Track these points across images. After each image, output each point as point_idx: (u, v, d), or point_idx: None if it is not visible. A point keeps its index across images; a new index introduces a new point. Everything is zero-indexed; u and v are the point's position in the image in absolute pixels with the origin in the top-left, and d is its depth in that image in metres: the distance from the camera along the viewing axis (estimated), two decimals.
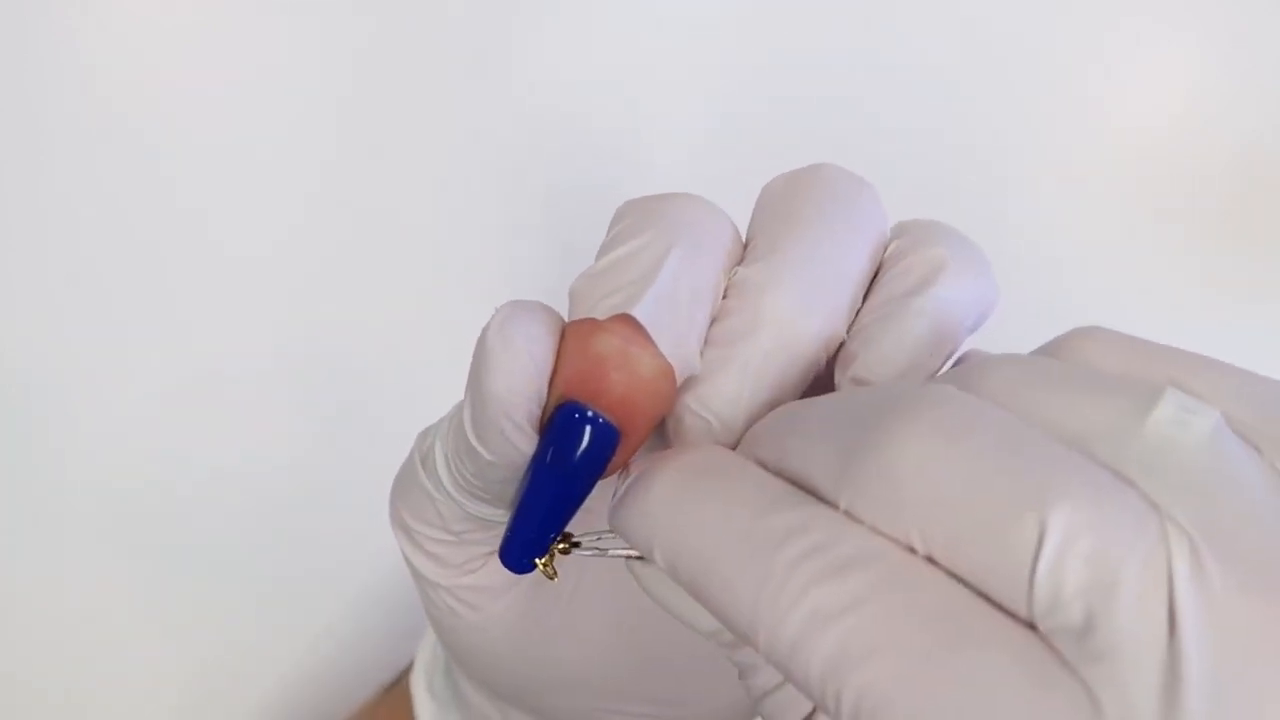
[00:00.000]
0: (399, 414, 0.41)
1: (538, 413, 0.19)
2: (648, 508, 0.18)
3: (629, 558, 0.19)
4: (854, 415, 0.16)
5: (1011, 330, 0.22)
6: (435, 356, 0.41)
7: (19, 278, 0.39)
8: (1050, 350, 0.18)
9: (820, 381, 0.20)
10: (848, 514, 0.15)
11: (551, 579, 0.21)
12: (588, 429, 0.18)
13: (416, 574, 0.24)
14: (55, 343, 0.39)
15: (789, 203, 0.21)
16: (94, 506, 0.39)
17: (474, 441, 0.19)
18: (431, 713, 0.29)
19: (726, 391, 0.19)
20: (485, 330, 0.19)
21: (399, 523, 0.24)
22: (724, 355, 0.19)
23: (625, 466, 0.19)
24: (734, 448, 0.19)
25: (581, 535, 0.20)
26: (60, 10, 0.38)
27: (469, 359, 0.20)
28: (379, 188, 0.41)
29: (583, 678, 0.25)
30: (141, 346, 0.39)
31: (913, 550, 0.15)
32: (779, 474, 0.17)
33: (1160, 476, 0.14)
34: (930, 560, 0.15)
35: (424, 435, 0.23)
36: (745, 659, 0.18)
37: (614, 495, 0.19)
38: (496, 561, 0.23)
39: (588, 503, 0.20)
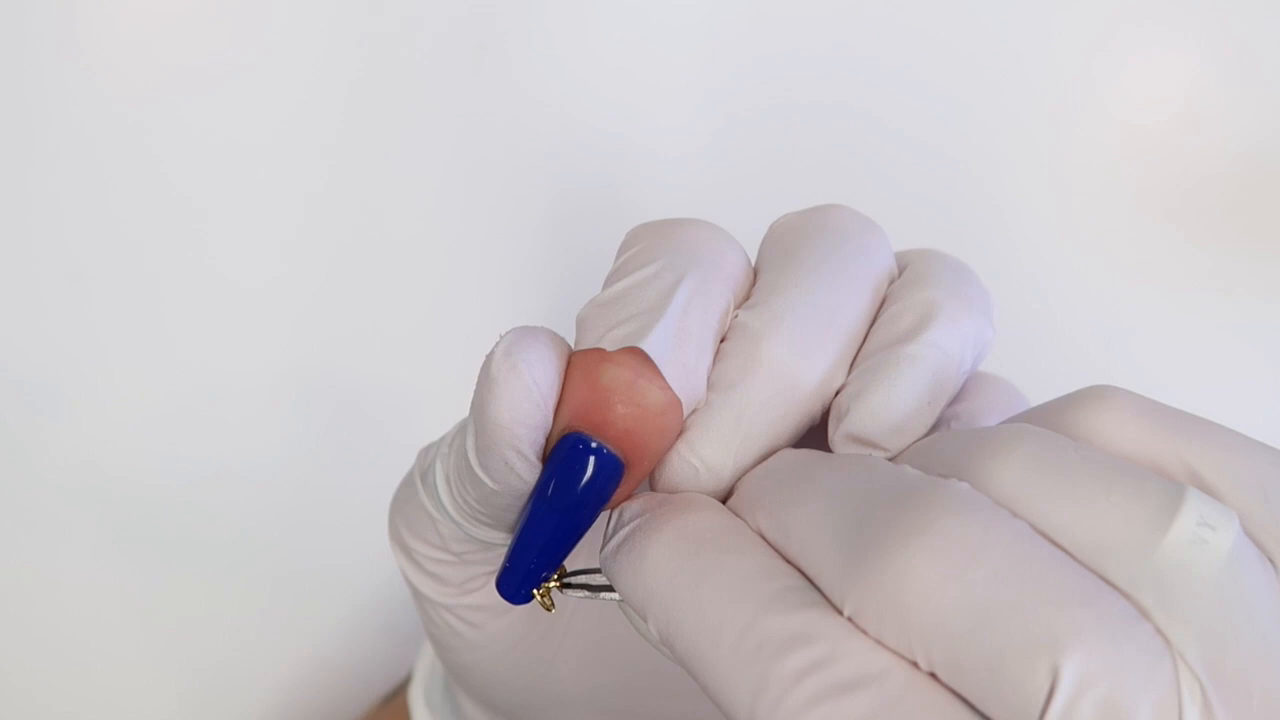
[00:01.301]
0: (400, 419, 0.41)
1: (542, 442, 0.19)
2: (643, 575, 0.17)
3: (620, 602, 0.19)
4: (862, 505, 0.16)
5: (1017, 332, 0.22)
6: (437, 362, 0.41)
7: (15, 278, 0.38)
8: (1062, 415, 0.17)
9: (815, 430, 0.20)
10: (851, 620, 0.15)
11: (548, 610, 0.20)
12: (592, 461, 0.18)
13: (416, 593, 0.24)
14: (56, 343, 0.39)
15: (795, 245, 0.20)
16: (93, 511, 0.39)
17: (477, 469, 0.19)
18: None
19: (719, 439, 0.19)
20: (490, 357, 0.19)
21: (398, 541, 0.23)
22: (719, 401, 0.19)
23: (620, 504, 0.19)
24: (722, 496, 0.19)
25: (575, 574, 0.20)
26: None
27: (470, 364, 0.19)
28: (380, 192, 0.41)
29: (581, 696, 0.25)
30: (142, 348, 0.39)
31: (917, 665, 0.15)
32: (781, 553, 0.17)
33: (1175, 606, 0.14)
34: (934, 676, 0.15)
35: (424, 453, 0.23)
36: None
37: (605, 537, 0.19)
38: None
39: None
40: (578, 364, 0.19)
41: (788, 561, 0.17)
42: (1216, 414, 0.17)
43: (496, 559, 0.22)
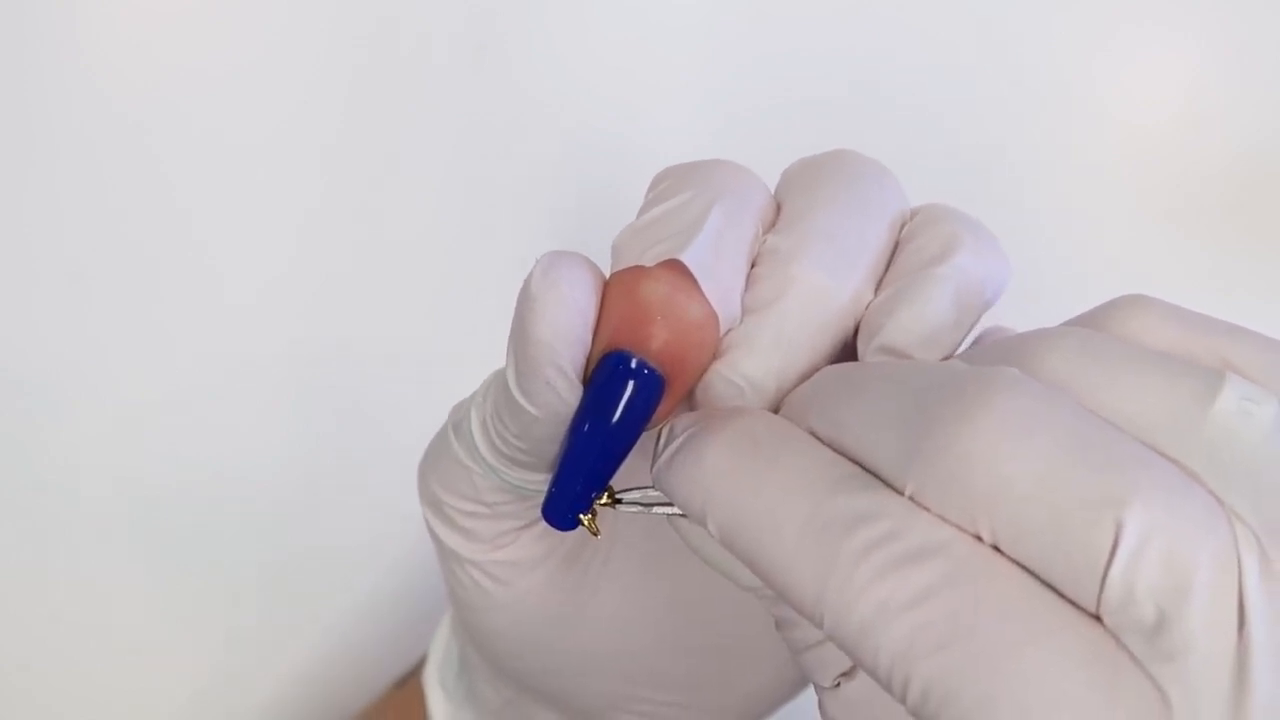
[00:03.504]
0: (400, 419, 0.41)
1: (583, 361, 0.19)
2: (702, 476, 0.17)
3: (673, 515, 0.19)
4: (918, 395, 0.16)
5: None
6: (437, 361, 0.41)
7: (15, 278, 0.38)
8: (1098, 320, 0.18)
9: (847, 349, 0.20)
10: (913, 499, 0.15)
11: (595, 535, 0.20)
12: (633, 378, 0.18)
13: (444, 550, 0.24)
14: (56, 343, 0.39)
15: (813, 179, 0.21)
16: (93, 511, 0.39)
17: (517, 394, 0.19)
18: (445, 709, 0.29)
19: (759, 357, 0.19)
20: (529, 278, 0.19)
21: (428, 497, 0.23)
22: (755, 320, 0.19)
23: (666, 421, 0.19)
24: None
25: (624, 491, 0.20)
26: None
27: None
28: (380, 192, 0.41)
29: (608, 658, 0.25)
30: (142, 348, 0.39)
31: (979, 539, 0.15)
32: (837, 450, 0.17)
33: (1225, 472, 0.14)
34: (997, 549, 0.15)
35: (457, 408, 0.23)
36: (785, 614, 0.18)
37: (656, 453, 0.19)
38: (528, 535, 0.23)
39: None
40: (616, 282, 0.19)
41: (843, 455, 0.17)
42: None
43: (529, 511, 0.23)
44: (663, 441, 0.19)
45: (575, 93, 0.42)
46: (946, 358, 0.20)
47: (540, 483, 0.21)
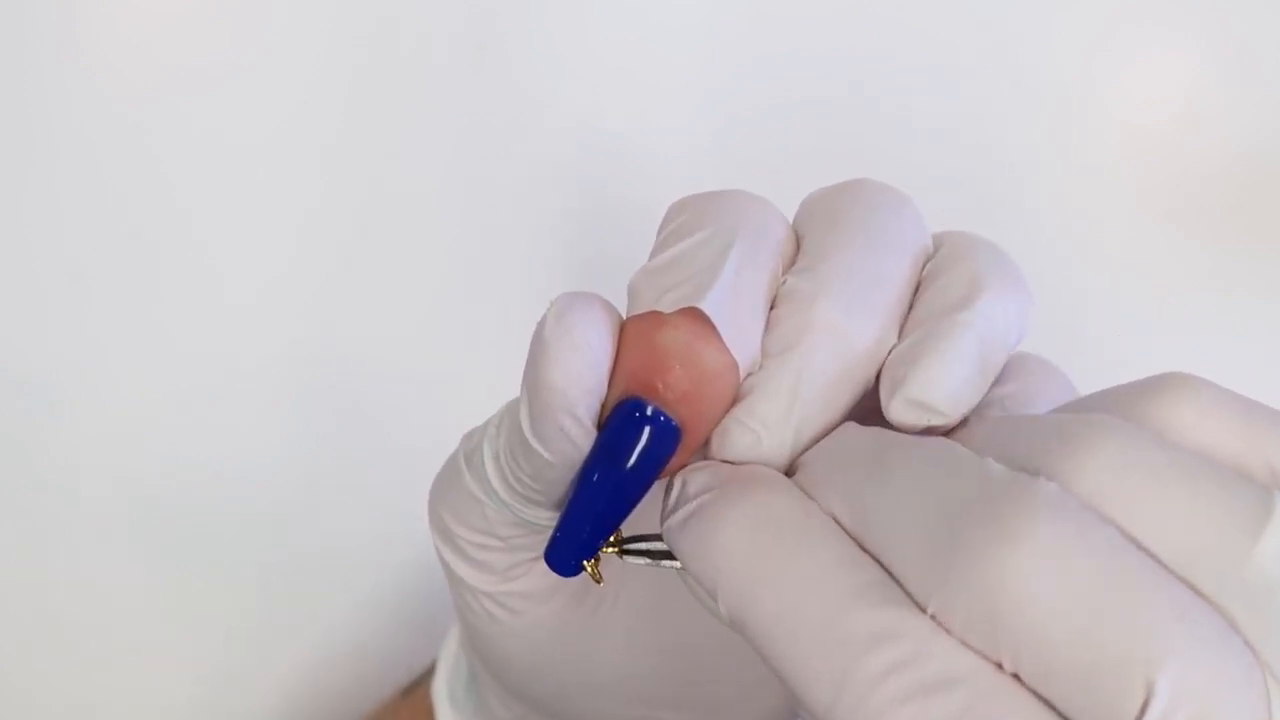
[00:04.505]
0: (400, 419, 0.41)
1: (597, 407, 0.19)
2: (714, 553, 0.17)
3: (681, 571, 0.18)
4: (947, 502, 0.15)
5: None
6: (437, 361, 0.41)
7: (15, 278, 0.38)
8: (1140, 406, 0.17)
9: (868, 394, 0.19)
10: (935, 619, 0.15)
11: (598, 583, 0.20)
12: (648, 426, 0.18)
13: (455, 579, 0.23)
14: (56, 343, 0.39)
15: (834, 213, 0.20)
16: (93, 511, 0.39)
17: (531, 439, 0.19)
18: None
19: (778, 404, 0.18)
20: (542, 322, 0.18)
21: (439, 526, 0.23)
22: (775, 365, 0.19)
23: (679, 470, 0.19)
24: (785, 468, 0.19)
25: (631, 539, 0.20)
26: None
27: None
28: (380, 192, 0.41)
29: (621, 682, 0.24)
30: (142, 348, 0.39)
31: (1000, 666, 0.15)
32: (858, 541, 0.16)
33: (1264, 622, 0.14)
34: (1017, 678, 0.15)
35: (469, 437, 0.22)
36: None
37: (666, 506, 0.18)
38: (541, 567, 0.23)
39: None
40: (633, 328, 0.19)
41: (865, 550, 0.16)
42: None
43: (542, 543, 0.22)
44: (674, 497, 0.18)
45: (575, 93, 0.42)
46: (969, 414, 0.19)
47: (552, 518, 0.21)
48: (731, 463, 0.19)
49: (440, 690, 0.29)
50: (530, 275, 0.41)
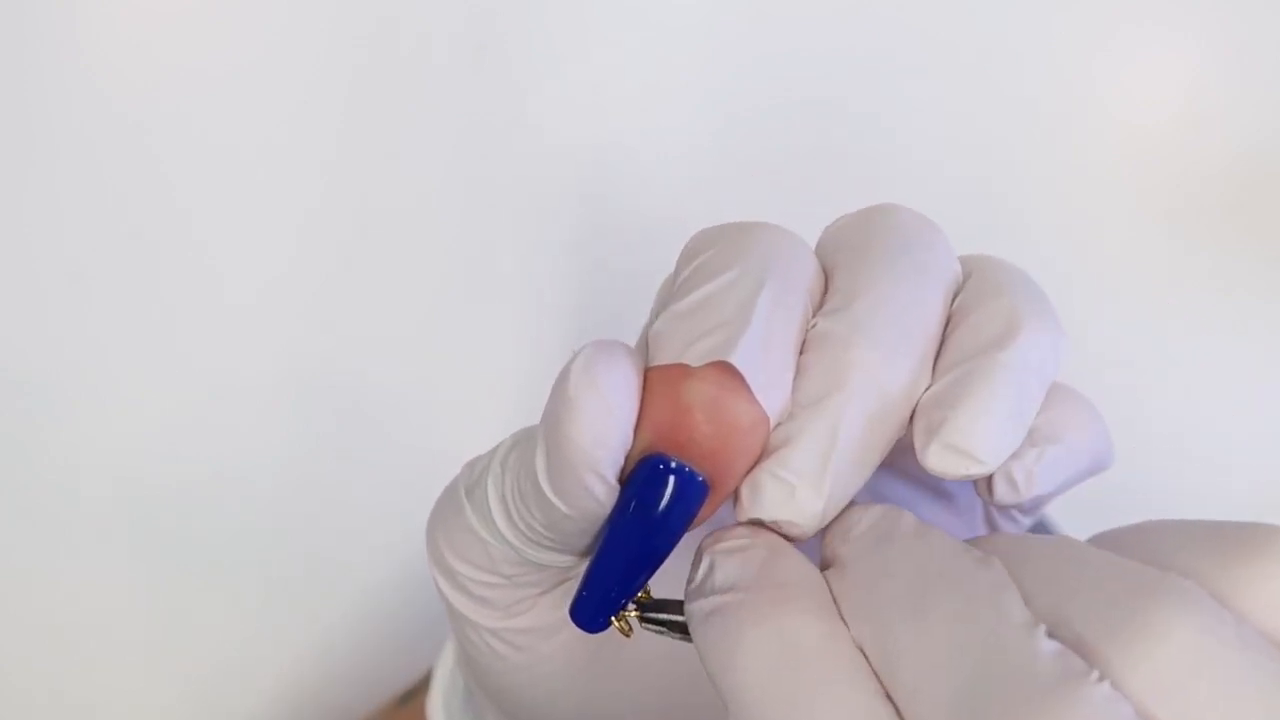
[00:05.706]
0: (400, 419, 0.41)
1: (621, 463, 0.18)
2: (734, 668, 0.16)
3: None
4: (988, 667, 0.14)
5: None
6: (437, 362, 0.41)
7: (15, 278, 0.38)
8: (1232, 563, 0.15)
9: (902, 435, 0.19)
10: None
11: (626, 635, 0.19)
12: (674, 483, 0.17)
13: (456, 615, 0.22)
14: (56, 343, 0.39)
15: (864, 247, 0.20)
16: (93, 511, 0.39)
17: (549, 493, 0.18)
18: None
19: (814, 454, 0.18)
20: (566, 374, 0.18)
21: (439, 563, 0.22)
22: (809, 415, 0.18)
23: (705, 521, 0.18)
24: (820, 522, 0.18)
25: (655, 604, 0.19)
26: None
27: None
28: (380, 192, 0.41)
29: (626, 714, 0.24)
30: (143, 348, 0.39)
31: None
32: (883, 681, 0.16)
33: None
34: None
35: (469, 468, 0.21)
36: None
37: (692, 581, 0.18)
38: (546, 601, 0.22)
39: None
40: (658, 380, 0.18)
41: (887, 695, 0.16)
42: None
43: (550, 580, 0.21)
44: (700, 577, 0.18)
45: (575, 92, 0.42)
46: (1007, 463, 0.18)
47: (564, 562, 0.20)
48: (763, 523, 0.18)
49: (435, 705, 0.28)
50: (530, 275, 0.41)
